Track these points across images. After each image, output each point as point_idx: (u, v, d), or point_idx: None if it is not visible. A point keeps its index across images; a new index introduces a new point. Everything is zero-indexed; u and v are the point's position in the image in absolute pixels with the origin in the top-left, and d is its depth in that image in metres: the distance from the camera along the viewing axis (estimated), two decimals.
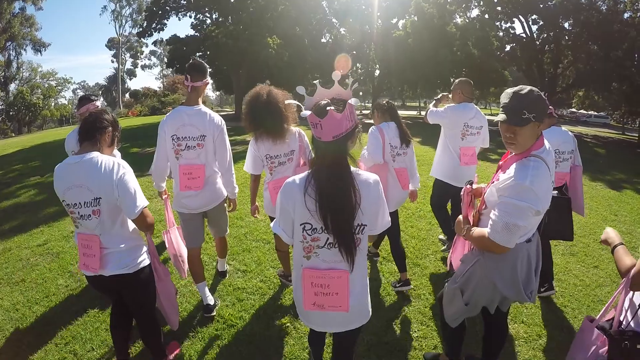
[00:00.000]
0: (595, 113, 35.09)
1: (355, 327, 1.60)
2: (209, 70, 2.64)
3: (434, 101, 3.68)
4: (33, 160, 10.60)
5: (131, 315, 2.20)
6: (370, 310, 1.63)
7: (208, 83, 2.61)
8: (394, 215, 2.99)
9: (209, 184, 2.65)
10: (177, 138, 2.53)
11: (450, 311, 1.98)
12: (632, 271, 1.37)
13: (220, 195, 2.77)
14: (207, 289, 2.84)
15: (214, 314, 2.79)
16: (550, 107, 2.79)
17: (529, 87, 1.55)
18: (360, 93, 42.84)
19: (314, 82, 1.48)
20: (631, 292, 1.45)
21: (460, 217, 1.92)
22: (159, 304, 2.22)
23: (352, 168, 1.46)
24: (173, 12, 23.12)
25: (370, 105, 30.88)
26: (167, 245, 2.84)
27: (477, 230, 1.72)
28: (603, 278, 3.47)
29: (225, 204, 2.93)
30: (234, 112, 23.69)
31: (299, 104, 1.46)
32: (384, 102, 3.08)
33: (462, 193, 1.97)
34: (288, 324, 2.68)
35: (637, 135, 20.88)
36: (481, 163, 7.69)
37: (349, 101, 1.38)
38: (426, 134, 11.35)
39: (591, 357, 1.46)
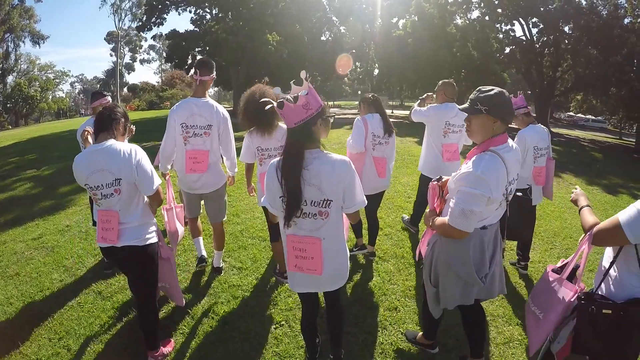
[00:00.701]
0: (593, 117, 35.18)
1: (332, 289, 1.88)
2: (214, 66, 2.91)
3: (419, 101, 3.91)
4: (29, 153, 10.56)
5: None
6: (347, 275, 1.90)
7: (214, 78, 2.92)
8: (370, 198, 3.25)
9: (212, 169, 2.93)
10: (186, 126, 2.80)
11: (432, 305, 2.05)
12: (595, 228, 1.54)
13: (221, 180, 3.05)
14: (202, 243, 3.30)
15: (205, 264, 3.12)
16: (527, 107, 3.23)
17: (492, 87, 1.74)
18: (359, 92, 42.97)
19: (291, 82, 1.68)
20: (607, 263, 1.57)
21: (428, 210, 2.06)
22: (164, 283, 2.44)
23: (324, 151, 1.69)
24: (173, 6, 22.98)
25: None
26: (164, 220, 3.02)
27: (439, 219, 1.88)
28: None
29: (226, 186, 3.19)
30: (231, 108, 23.66)
31: (273, 101, 1.64)
32: (370, 95, 3.37)
33: (428, 187, 2.08)
34: (283, 322, 2.68)
35: (634, 140, 20.98)
36: None
37: (299, 93, 1.58)
38: (423, 135, 11.35)
39: (564, 310, 1.60)
